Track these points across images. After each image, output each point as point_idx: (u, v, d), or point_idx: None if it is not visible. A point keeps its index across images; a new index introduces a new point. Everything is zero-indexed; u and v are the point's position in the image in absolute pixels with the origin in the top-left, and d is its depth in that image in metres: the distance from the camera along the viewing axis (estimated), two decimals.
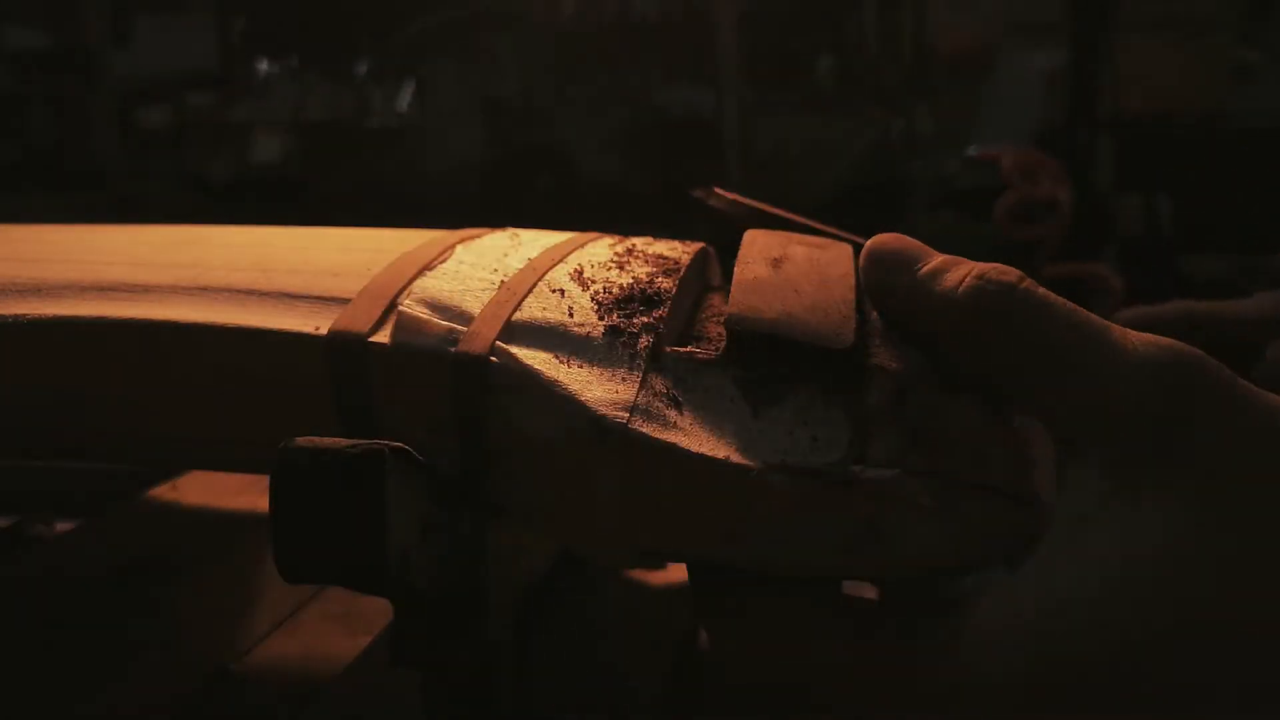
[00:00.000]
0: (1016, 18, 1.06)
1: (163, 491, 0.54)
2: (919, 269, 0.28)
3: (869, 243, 0.29)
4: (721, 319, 0.30)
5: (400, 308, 0.30)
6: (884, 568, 0.26)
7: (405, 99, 1.15)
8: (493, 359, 0.29)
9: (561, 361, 0.29)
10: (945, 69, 1.04)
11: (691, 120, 1.08)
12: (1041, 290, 0.26)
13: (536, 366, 0.28)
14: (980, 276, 0.26)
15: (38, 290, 0.34)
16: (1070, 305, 0.26)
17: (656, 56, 1.10)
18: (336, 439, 0.27)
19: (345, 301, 0.31)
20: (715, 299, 0.34)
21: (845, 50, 1.07)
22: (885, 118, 1.04)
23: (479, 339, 0.29)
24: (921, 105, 1.05)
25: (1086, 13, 1.04)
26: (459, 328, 0.30)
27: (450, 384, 0.29)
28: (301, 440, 0.27)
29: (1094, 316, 0.26)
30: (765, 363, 0.28)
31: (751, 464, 0.26)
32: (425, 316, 0.30)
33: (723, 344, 0.29)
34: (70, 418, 0.34)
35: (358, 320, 0.30)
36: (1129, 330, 0.25)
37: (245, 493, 0.53)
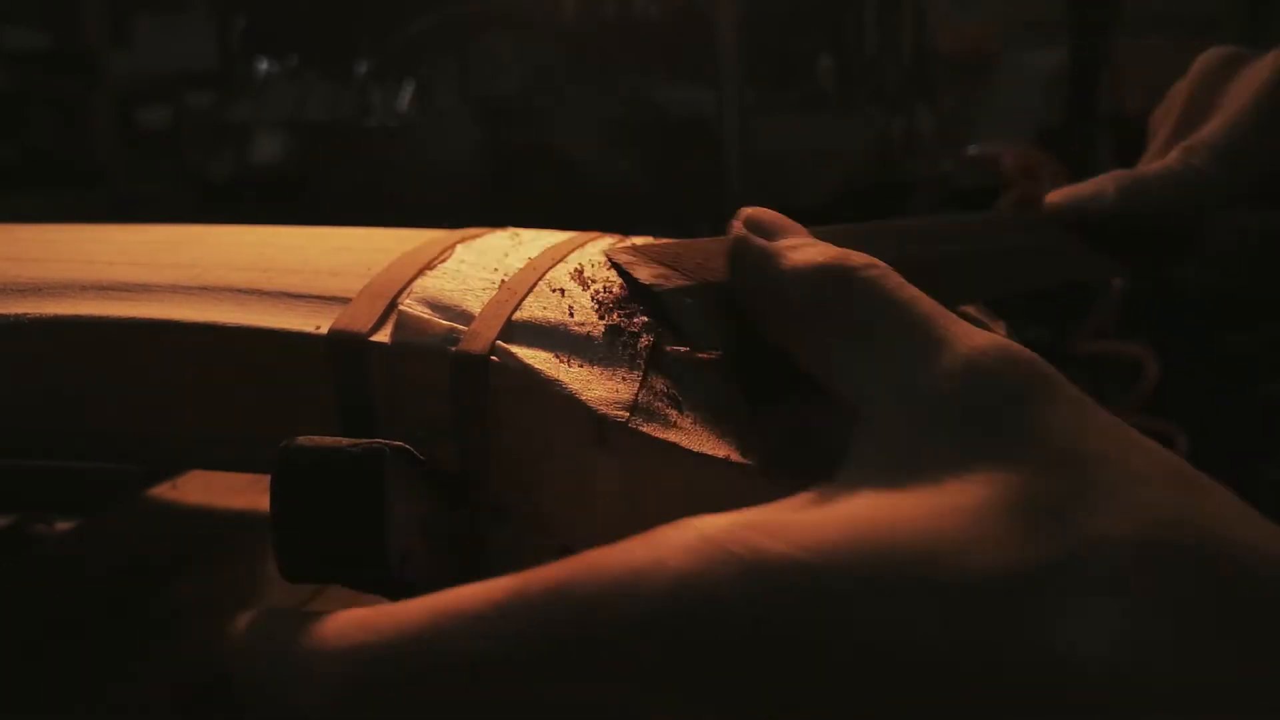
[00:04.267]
0: (1017, 17, 1.06)
1: (163, 491, 0.54)
2: (777, 240, 0.27)
3: (742, 210, 0.29)
4: None
5: (401, 307, 0.30)
6: None
7: (405, 99, 1.15)
8: (493, 358, 0.29)
9: (562, 361, 0.29)
10: (946, 69, 1.04)
11: (691, 120, 1.08)
12: (890, 280, 0.25)
13: (537, 366, 0.28)
14: (828, 256, 0.26)
15: (38, 290, 0.34)
16: (913, 295, 0.25)
17: (656, 56, 1.10)
18: (337, 438, 0.27)
19: (346, 301, 0.31)
20: None
21: (845, 50, 1.07)
22: (885, 118, 1.04)
23: (479, 338, 0.29)
24: (921, 105, 1.05)
25: (1086, 13, 1.04)
26: (459, 327, 0.30)
27: (451, 383, 0.29)
28: (302, 439, 0.27)
29: (939, 310, 0.24)
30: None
31: (751, 463, 0.26)
32: (426, 316, 0.30)
33: None
34: (70, 417, 0.34)
35: (358, 319, 0.30)
36: (967, 330, 0.24)
37: (245, 493, 0.53)
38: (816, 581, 0.20)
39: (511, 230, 0.36)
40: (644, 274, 0.30)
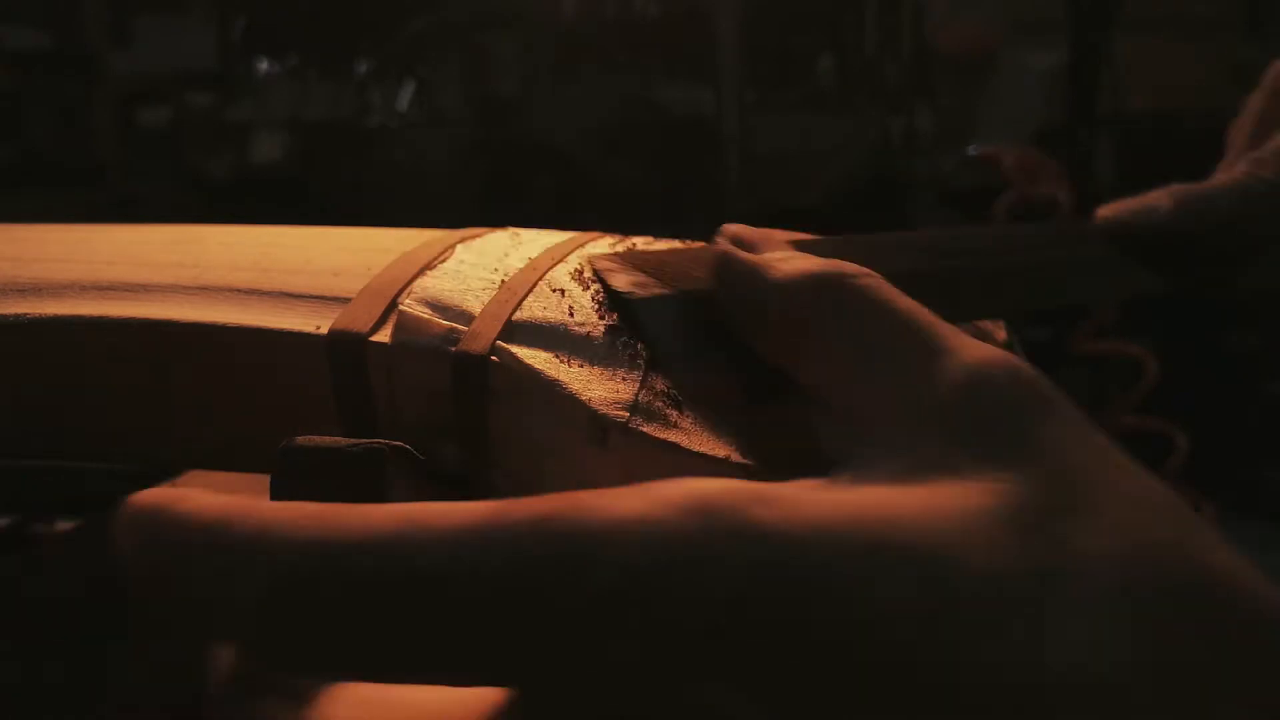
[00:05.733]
0: (1017, 17, 1.06)
1: None
2: (763, 252, 0.27)
3: (724, 227, 0.29)
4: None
5: (401, 307, 0.30)
6: None
7: (405, 99, 1.15)
8: (493, 358, 0.29)
9: (562, 361, 0.29)
10: (945, 68, 1.04)
11: (691, 120, 1.08)
12: (884, 289, 0.25)
13: (537, 366, 0.28)
14: (819, 265, 0.26)
15: (38, 289, 0.34)
16: (910, 305, 0.24)
17: (656, 56, 1.10)
18: (337, 438, 0.27)
19: (346, 301, 0.31)
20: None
21: (845, 50, 1.07)
22: (885, 117, 1.04)
23: (479, 338, 0.29)
24: (921, 105, 1.05)
25: (1086, 12, 1.04)
26: (459, 327, 0.30)
27: (451, 383, 0.29)
28: (302, 439, 0.27)
29: (936, 320, 0.24)
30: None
31: (751, 463, 0.26)
32: (426, 316, 0.30)
33: None
34: (70, 417, 0.34)
35: (358, 319, 0.30)
36: (969, 341, 0.24)
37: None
38: (807, 556, 0.19)
39: (511, 230, 0.36)
40: (621, 281, 0.30)
